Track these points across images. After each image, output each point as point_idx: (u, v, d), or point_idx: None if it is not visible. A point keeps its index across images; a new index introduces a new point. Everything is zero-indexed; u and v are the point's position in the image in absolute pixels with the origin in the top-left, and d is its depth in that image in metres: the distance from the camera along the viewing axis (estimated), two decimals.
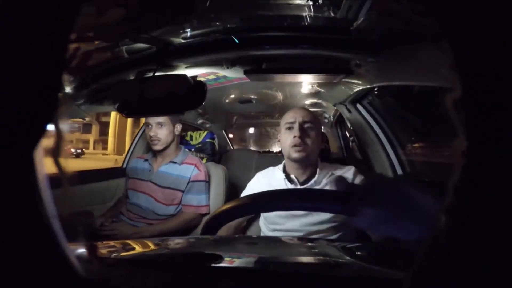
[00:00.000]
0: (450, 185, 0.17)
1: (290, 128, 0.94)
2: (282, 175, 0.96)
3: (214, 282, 0.31)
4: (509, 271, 0.16)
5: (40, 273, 0.19)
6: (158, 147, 1.27)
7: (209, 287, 0.30)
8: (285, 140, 0.94)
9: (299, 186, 0.93)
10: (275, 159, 2.02)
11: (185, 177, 1.25)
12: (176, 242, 0.57)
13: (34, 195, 0.18)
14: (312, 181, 0.92)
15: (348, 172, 0.94)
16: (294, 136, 0.90)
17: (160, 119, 1.25)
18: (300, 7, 0.73)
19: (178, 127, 1.31)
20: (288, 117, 0.95)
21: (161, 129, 1.26)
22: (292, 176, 0.95)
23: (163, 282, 0.30)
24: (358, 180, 0.93)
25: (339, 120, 2.01)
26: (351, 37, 0.77)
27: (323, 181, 0.93)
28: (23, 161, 0.18)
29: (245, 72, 1.01)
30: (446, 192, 0.17)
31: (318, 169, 0.94)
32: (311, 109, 1.83)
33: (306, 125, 0.93)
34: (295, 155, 0.91)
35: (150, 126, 1.27)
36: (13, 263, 0.18)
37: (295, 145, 0.90)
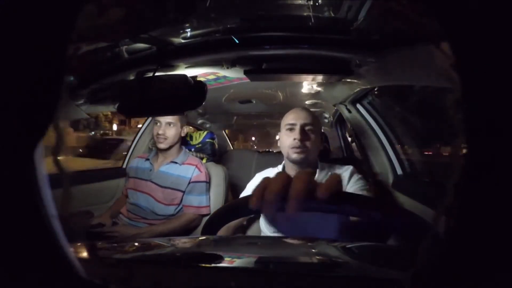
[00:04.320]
0: (450, 185, 0.17)
1: (291, 130, 0.94)
2: None
3: (214, 282, 0.31)
4: (509, 271, 0.16)
5: (40, 273, 0.19)
6: (163, 145, 1.28)
7: (209, 287, 0.30)
8: (285, 141, 0.94)
9: None
10: (275, 158, 2.02)
11: (185, 178, 1.25)
12: (176, 242, 0.57)
13: (34, 195, 0.18)
14: None
15: (345, 172, 0.95)
16: (294, 139, 0.91)
17: (170, 119, 1.26)
18: (300, 7, 0.73)
19: (185, 129, 1.32)
20: (289, 118, 0.96)
21: (170, 128, 1.27)
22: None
23: (163, 282, 0.30)
24: (354, 178, 0.93)
25: (339, 120, 2.01)
26: (351, 37, 0.77)
27: (321, 181, 0.93)
28: (23, 161, 0.18)
29: (245, 72, 1.01)
30: (446, 192, 0.17)
31: (317, 170, 0.94)
32: (311, 109, 1.84)
33: (306, 128, 0.93)
34: (294, 156, 0.91)
35: (159, 124, 1.28)
36: (13, 263, 0.18)
37: (294, 147, 0.91)
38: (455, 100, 0.17)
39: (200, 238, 0.64)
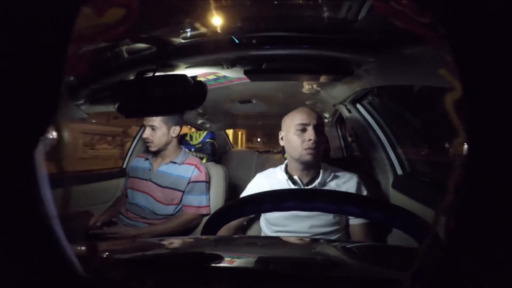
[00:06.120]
0: (450, 185, 0.17)
1: (302, 130, 0.92)
2: (285, 176, 0.95)
3: (214, 282, 0.31)
4: (509, 271, 0.16)
5: (41, 273, 0.19)
6: (152, 148, 1.29)
7: (209, 287, 0.30)
8: (295, 141, 0.92)
9: (302, 187, 0.93)
10: (275, 158, 2.02)
11: (185, 177, 1.25)
12: (176, 242, 0.57)
13: (34, 195, 0.18)
14: (316, 183, 0.92)
15: (351, 182, 0.94)
16: (310, 139, 0.89)
17: (153, 122, 1.25)
18: (300, 7, 0.73)
19: (176, 129, 1.30)
20: (300, 118, 0.93)
21: (154, 132, 1.26)
22: (295, 177, 0.94)
23: (163, 282, 0.30)
24: (362, 192, 0.94)
25: (339, 120, 2.01)
26: (351, 37, 0.77)
27: (326, 182, 0.93)
28: (24, 161, 0.18)
29: (245, 72, 1.01)
30: (446, 192, 0.17)
31: (321, 170, 0.94)
32: None
33: (319, 128, 0.92)
34: (307, 157, 0.90)
35: (144, 128, 1.28)
36: (13, 263, 0.18)
37: (309, 148, 0.89)
38: (455, 100, 0.17)
39: (200, 238, 0.64)
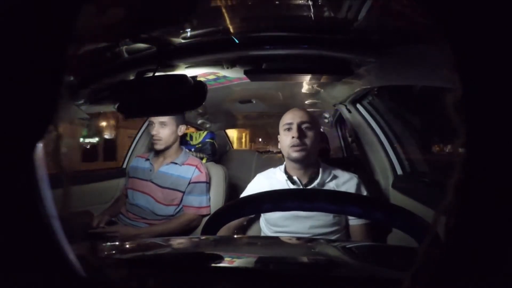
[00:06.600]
0: (450, 185, 0.17)
1: (288, 129, 0.95)
2: (284, 176, 0.96)
3: (214, 282, 0.31)
4: (509, 271, 0.16)
5: (40, 273, 0.19)
6: (159, 146, 1.27)
7: (209, 287, 0.30)
8: (284, 141, 0.95)
9: (301, 188, 0.93)
10: (274, 158, 2.02)
11: (185, 178, 1.25)
12: (176, 242, 0.57)
13: (34, 195, 0.18)
14: (315, 183, 0.92)
15: (351, 182, 0.95)
16: (293, 137, 0.92)
17: (163, 118, 1.25)
18: (300, 7, 0.73)
19: (182, 128, 1.30)
20: (286, 118, 0.97)
21: (164, 128, 1.26)
22: (295, 177, 0.95)
23: (163, 282, 0.30)
24: (362, 192, 0.94)
25: (339, 120, 2.01)
26: (351, 37, 0.77)
27: (325, 182, 0.93)
28: (23, 161, 0.18)
29: (245, 72, 1.01)
30: (446, 192, 0.17)
31: (320, 170, 0.94)
32: (311, 109, 1.84)
33: (303, 126, 0.94)
34: (294, 155, 0.92)
35: (153, 124, 1.27)
36: (13, 263, 0.18)
37: (293, 146, 0.92)
38: (455, 100, 0.17)
39: (200, 238, 0.64)
